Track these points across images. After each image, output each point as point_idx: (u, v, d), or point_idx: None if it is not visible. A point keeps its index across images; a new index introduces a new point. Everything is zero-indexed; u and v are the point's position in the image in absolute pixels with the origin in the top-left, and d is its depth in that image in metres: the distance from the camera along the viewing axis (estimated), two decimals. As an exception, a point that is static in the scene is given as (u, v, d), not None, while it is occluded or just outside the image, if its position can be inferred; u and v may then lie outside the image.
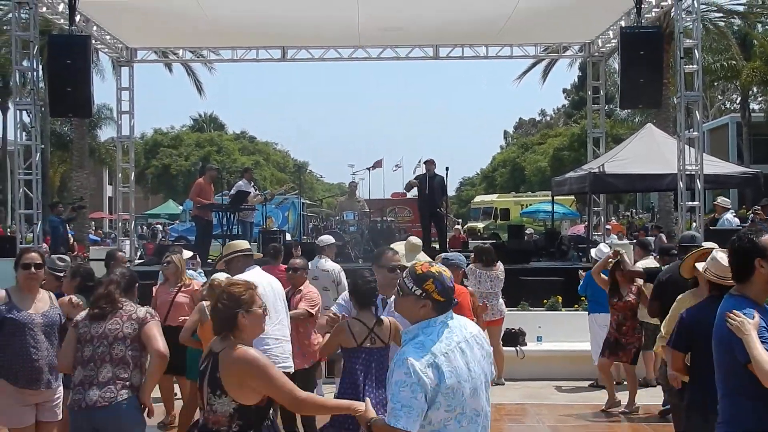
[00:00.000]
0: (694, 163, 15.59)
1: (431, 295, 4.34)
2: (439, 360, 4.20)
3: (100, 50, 20.78)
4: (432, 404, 4.15)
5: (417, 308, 4.35)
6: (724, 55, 40.84)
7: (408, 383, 4.09)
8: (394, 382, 4.15)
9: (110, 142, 48.87)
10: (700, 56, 15.89)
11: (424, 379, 4.10)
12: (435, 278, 4.37)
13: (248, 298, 4.78)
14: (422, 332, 4.30)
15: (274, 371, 4.66)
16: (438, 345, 4.25)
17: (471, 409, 4.31)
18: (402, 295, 4.43)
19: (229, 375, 4.60)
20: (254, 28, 18.62)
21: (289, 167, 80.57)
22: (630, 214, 60.39)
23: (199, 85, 40.06)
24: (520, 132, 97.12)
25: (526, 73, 37.70)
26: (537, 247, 19.55)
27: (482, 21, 18.06)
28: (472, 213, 57.67)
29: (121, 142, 20.88)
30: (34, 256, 6.97)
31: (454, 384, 4.20)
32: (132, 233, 21.75)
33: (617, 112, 54.03)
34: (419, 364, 4.13)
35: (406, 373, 4.10)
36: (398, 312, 4.58)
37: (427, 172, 18.71)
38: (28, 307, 6.80)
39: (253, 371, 4.59)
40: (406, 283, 4.41)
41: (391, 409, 4.10)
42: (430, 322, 4.34)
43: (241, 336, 4.73)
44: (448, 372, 4.20)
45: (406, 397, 4.08)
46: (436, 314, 4.35)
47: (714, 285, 6.25)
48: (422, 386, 4.09)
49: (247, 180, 19.26)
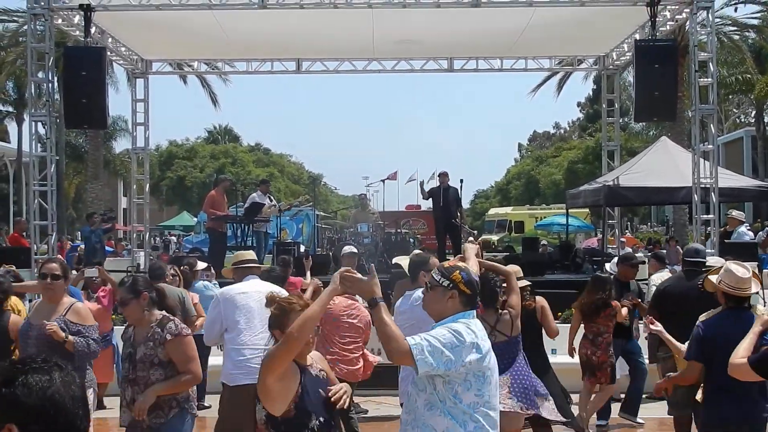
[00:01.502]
0: (709, 176, 15.52)
1: (458, 285, 4.46)
2: (482, 343, 4.32)
3: (115, 62, 20.87)
4: (463, 380, 4.24)
5: (444, 300, 4.47)
6: (738, 68, 40.79)
7: (448, 339, 4.20)
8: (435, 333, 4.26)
9: (125, 154, 49.16)
10: (714, 70, 15.86)
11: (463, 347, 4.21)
12: (461, 270, 4.54)
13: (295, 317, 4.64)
14: (460, 321, 4.39)
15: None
16: (479, 331, 4.38)
17: (494, 402, 4.42)
18: (430, 288, 4.56)
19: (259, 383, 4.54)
20: (269, 41, 18.67)
21: (304, 179, 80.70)
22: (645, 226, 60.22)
23: (214, 97, 40.27)
24: (535, 145, 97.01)
25: (540, 86, 37.71)
26: (551, 259, 19.51)
27: (497, 34, 18.05)
28: (487, 225, 57.58)
29: (136, 154, 20.95)
30: (52, 267, 6.98)
31: (484, 368, 4.31)
32: (146, 245, 21.79)
33: (632, 125, 53.94)
34: (467, 337, 4.25)
35: (451, 332, 4.23)
36: (426, 309, 4.66)
37: (441, 184, 18.75)
38: (37, 318, 6.84)
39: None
40: (434, 277, 4.56)
41: (419, 340, 4.19)
42: (465, 314, 4.45)
43: None
44: (486, 352, 4.33)
45: (440, 342, 4.18)
46: (462, 306, 4.45)
47: (729, 297, 6.24)
48: (459, 352, 4.20)
49: (262, 192, 19.28)
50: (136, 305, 6.24)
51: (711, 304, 6.89)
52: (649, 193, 18.40)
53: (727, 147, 56.64)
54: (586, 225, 42.40)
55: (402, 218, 29.77)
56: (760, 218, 39.78)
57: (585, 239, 40.16)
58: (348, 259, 11.65)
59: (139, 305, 6.22)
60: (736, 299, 6.24)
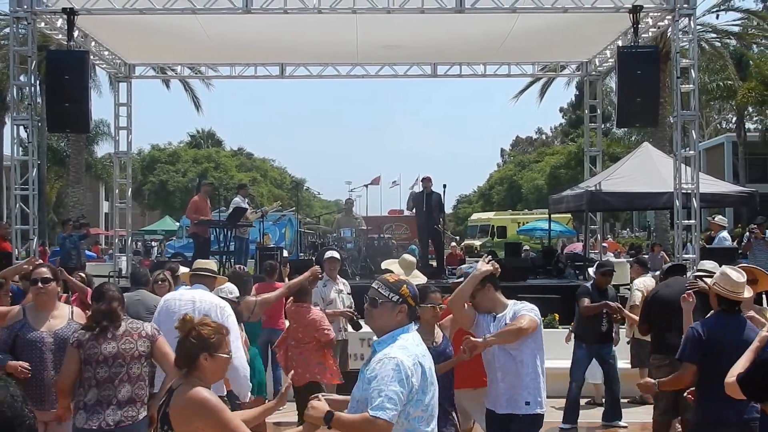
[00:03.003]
0: (690, 181, 15.60)
1: (407, 299, 4.49)
2: (422, 360, 4.38)
3: (98, 66, 20.79)
4: (414, 401, 4.28)
5: (394, 314, 4.49)
6: (720, 75, 41.03)
7: (397, 378, 4.21)
8: (380, 377, 4.24)
9: (107, 158, 48.87)
10: (696, 76, 15.96)
11: (411, 377, 4.25)
12: (407, 284, 4.57)
13: (216, 342, 4.65)
14: (400, 337, 4.43)
15: (225, 415, 4.50)
16: (417, 347, 4.43)
17: (434, 414, 4.46)
18: (378, 304, 4.51)
19: (176, 413, 4.51)
20: (253, 45, 18.66)
21: (287, 184, 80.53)
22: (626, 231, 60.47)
23: (197, 101, 40.19)
24: (517, 150, 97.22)
25: (523, 92, 37.89)
26: (534, 264, 19.57)
27: (480, 39, 18.10)
28: (469, 230, 57.66)
29: (118, 158, 20.85)
30: (42, 270, 6.90)
31: (428, 384, 4.37)
32: (128, 249, 21.69)
33: (614, 131, 54.17)
34: (408, 362, 4.27)
35: (395, 369, 4.22)
36: (370, 324, 4.66)
37: (424, 189, 18.79)
38: (41, 325, 6.70)
39: (201, 412, 4.45)
40: (381, 293, 4.52)
41: (378, 403, 4.17)
42: (405, 329, 4.49)
43: (201, 376, 4.60)
44: (428, 371, 4.39)
45: (394, 391, 4.19)
46: (409, 320, 4.51)
47: (722, 299, 6.32)
48: (409, 383, 4.24)
49: (242, 196, 19.26)
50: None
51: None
52: (631, 198, 18.48)
53: (708, 153, 56.99)
54: (568, 230, 42.46)
55: (385, 223, 29.82)
56: (740, 224, 39.96)
57: (567, 244, 40.30)
58: (330, 263, 11.63)
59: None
60: (729, 302, 6.33)
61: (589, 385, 12.02)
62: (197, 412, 4.43)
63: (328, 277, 11.44)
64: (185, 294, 7.77)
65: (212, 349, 4.61)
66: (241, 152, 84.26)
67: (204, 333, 4.64)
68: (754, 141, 50.81)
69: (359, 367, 4.57)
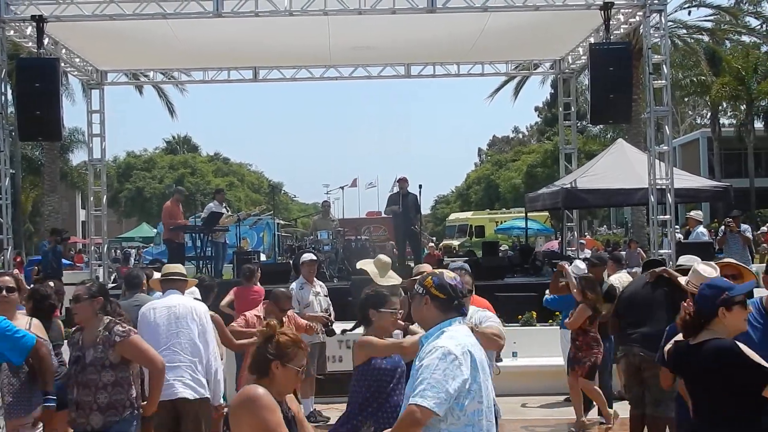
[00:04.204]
0: (665, 177, 15.67)
1: (429, 290, 4.52)
2: (473, 349, 4.34)
3: (70, 73, 20.63)
4: (468, 393, 4.22)
5: (421, 306, 4.55)
6: (693, 71, 41.39)
7: (441, 367, 4.18)
8: (424, 366, 4.23)
9: (82, 166, 48.59)
10: (668, 72, 16.04)
11: (461, 366, 4.21)
12: (433, 275, 4.60)
13: (291, 353, 4.57)
14: (447, 329, 4.42)
15: (272, 416, 4.40)
16: (467, 338, 4.41)
17: (490, 405, 4.42)
18: (413, 300, 4.67)
19: (231, 409, 4.55)
20: (225, 49, 18.56)
21: (264, 188, 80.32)
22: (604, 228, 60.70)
23: (171, 107, 40.04)
24: (494, 149, 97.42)
25: (498, 91, 37.92)
26: (511, 263, 19.58)
27: (453, 39, 18.09)
28: (448, 231, 57.79)
29: (93, 166, 20.69)
30: (5, 279, 6.94)
31: (482, 375, 4.32)
32: (105, 257, 21.54)
33: (590, 129, 54.44)
34: (457, 350, 4.25)
35: (441, 358, 4.20)
36: (416, 319, 4.81)
37: (400, 190, 18.79)
38: None
39: (250, 408, 4.41)
40: (414, 287, 4.68)
41: (419, 390, 4.16)
42: (450, 321, 4.47)
43: (269, 385, 4.52)
44: (479, 361, 4.34)
45: (437, 379, 4.16)
46: (439, 311, 4.49)
47: None
48: (460, 371, 4.19)
49: (218, 201, 19.19)
50: (88, 305, 6.41)
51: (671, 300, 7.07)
52: (606, 195, 18.54)
53: (683, 148, 57.37)
54: (545, 228, 42.65)
55: (362, 225, 29.82)
56: (716, 218, 40.24)
57: (545, 242, 40.45)
58: (309, 266, 11.59)
59: (92, 306, 6.41)
60: None
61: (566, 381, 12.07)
62: (247, 407, 4.41)
63: (305, 279, 11.40)
64: (158, 303, 7.73)
65: (286, 359, 4.55)
66: (217, 157, 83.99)
67: (282, 341, 4.59)
68: (729, 136, 51.23)
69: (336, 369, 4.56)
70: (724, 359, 4.52)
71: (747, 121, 48.19)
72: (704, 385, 4.70)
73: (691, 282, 6.48)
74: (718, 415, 4.62)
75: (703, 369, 4.64)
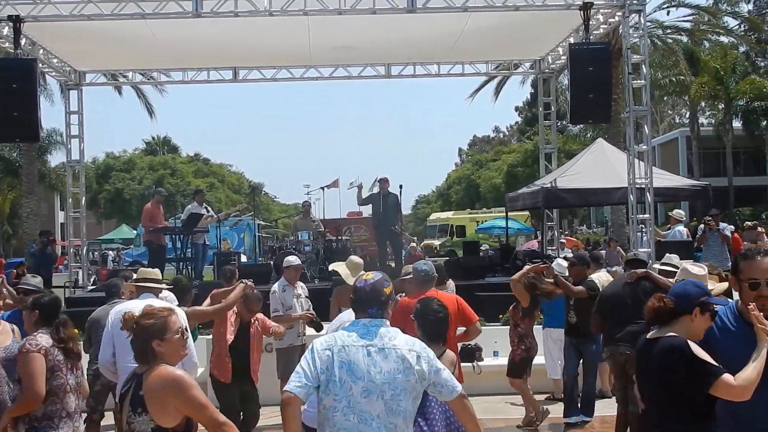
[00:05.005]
0: (644, 176, 15.74)
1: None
2: (335, 348, 4.63)
3: (48, 74, 20.49)
4: (325, 388, 4.57)
5: None
6: (672, 70, 41.53)
7: (306, 358, 4.64)
8: None
9: (61, 168, 48.29)
10: (647, 71, 16.11)
11: (317, 358, 4.59)
12: (358, 279, 5.01)
13: (160, 326, 4.74)
14: (343, 326, 4.98)
15: (196, 392, 4.64)
16: (344, 338, 4.67)
17: (361, 409, 4.55)
18: None
19: (151, 393, 4.58)
20: (204, 49, 18.48)
21: (244, 189, 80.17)
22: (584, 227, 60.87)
23: (150, 108, 39.81)
24: (475, 149, 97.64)
25: (478, 91, 37.91)
26: (492, 262, 19.58)
27: (433, 39, 18.09)
28: (428, 231, 57.87)
29: (71, 167, 20.55)
30: None
31: (342, 375, 4.56)
32: (84, 259, 21.40)
33: (569, 128, 54.60)
34: (319, 346, 4.67)
35: (309, 350, 4.67)
36: None
37: (381, 190, 18.78)
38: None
39: (175, 389, 4.58)
40: None
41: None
42: (354, 321, 4.84)
43: (163, 361, 4.71)
44: (339, 362, 4.59)
45: (299, 366, 4.62)
46: (355, 312, 4.89)
47: None
48: (314, 362, 4.58)
49: (198, 202, 19.11)
50: (27, 315, 6.42)
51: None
52: (586, 194, 18.58)
53: (663, 148, 57.67)
54: (526, 227, 42.75)
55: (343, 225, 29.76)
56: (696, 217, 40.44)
57: (526, 241, 40.55)
58: (294, 271, 11.49)
59: (29, 318, 6.37)
60: None
61: (548, 381, 12.09)
62: (172, 390, 4.57)
63: (288, 282, 11.36)
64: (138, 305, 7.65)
65: (159, 334, 4.71)
66: (197, 158, 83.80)
67: (144, 324, 4.74)
68: (708, 135, 51.52)
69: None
70: (674, 355, 4.51)
71: (725, 120, 48.43)
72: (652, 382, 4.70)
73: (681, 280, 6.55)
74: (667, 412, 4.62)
75: (654, 365, 4.65)
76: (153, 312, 4.83)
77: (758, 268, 4.66)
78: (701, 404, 4.53)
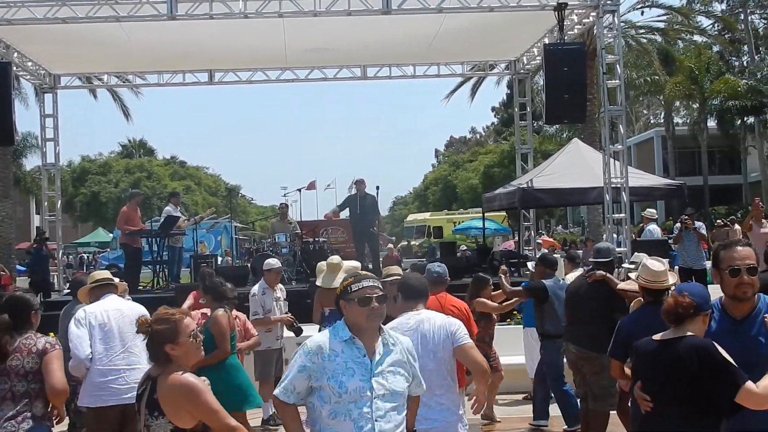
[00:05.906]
0: (620, 176, 15.83)
1: None
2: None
3: (22, 77, 20.39)
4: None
5: None
6: (647, 70, 41.80)
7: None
8: None
9: (36, 171, 47.95)
10: (621, 71, 16.21)
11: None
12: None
13: (172, 330, 4.83)
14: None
15: (208, 397, 4.74)
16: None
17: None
18: None
19: (165, 398, 4.68)
20: (180, 52, 18.43)
21: (221, 191, 79.94)
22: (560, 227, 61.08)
23: (126, 110, 39.51)
24: (452, 150, 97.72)
25: (454, 92, 37.89)
26: (469, 263, 19.59)
27: (408, 40, 18.13)
28: (405, 232, 57.90)
29: (47, 171, 20.46)
30: None
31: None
32: (60, 263, 21.30)
33: (546, 129, 54.82)
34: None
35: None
36: None
37: (357, 192, 18.76)
38: None
39: (187, 394, 4.67)
40: None
41: None
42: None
43: (178, 364, 4.80)
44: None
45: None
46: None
47: (647, 291, 6.44)
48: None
49: (174, 205, 19.02)
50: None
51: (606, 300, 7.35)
52: (562, 194, 18.62)
53: (638, 147, 58.00)
54: (503, 228, 42.77)
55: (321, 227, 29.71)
56: (671, 216, 40.70)
57: (503, 242, 40.61)
58: (274, 274, 11.46)
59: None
60: (654, 293, 6.46)
61: (528, 381, 12.14)
62: (185, 395, 4.67)
63: (268, 285, 11.33)
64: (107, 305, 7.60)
65: (172, 338, 4.80)
66: (174, 161, 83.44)
67: (157, 329, 4.83)
68: (683, 135, 51.89)
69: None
70: (703, 357, 4.54)
71: (700, 119, 48.76)
72: (674, 380, 4.69)
73: (642, 276, 6.61)
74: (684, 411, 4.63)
75: (678, 364, 4.64)
76: (165, 316, 4.91)
77: (738, 255, 4.87)
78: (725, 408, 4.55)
